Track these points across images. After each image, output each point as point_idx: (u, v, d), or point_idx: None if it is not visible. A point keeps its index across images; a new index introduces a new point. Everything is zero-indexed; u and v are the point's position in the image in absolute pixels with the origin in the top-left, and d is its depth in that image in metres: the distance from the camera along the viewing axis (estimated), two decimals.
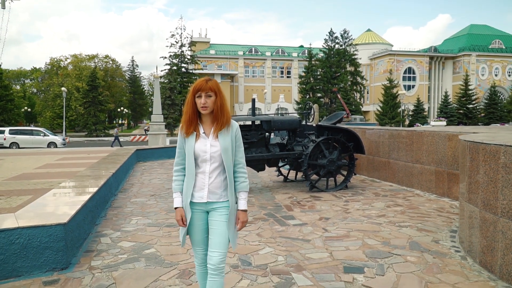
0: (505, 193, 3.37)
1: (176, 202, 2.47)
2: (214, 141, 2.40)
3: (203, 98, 2.34)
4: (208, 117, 2.42)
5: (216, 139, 2.40)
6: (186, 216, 2.43)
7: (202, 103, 2.34)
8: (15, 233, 3.63)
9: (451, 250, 4.21)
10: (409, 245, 4.38)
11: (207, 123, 2.44)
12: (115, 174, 7.64)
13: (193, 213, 2.43)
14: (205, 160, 2.40)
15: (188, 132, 2.39)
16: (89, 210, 4.94)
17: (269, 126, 7.46)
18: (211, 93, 2.35)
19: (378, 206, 6.27)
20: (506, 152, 3.37)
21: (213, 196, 2.43)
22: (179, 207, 2.45)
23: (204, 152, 2.39)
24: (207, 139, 2.40)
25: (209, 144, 2.39)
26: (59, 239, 3.77)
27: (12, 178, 10.47)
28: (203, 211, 2.46)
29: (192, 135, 2.40)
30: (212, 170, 2.41)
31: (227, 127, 2.41)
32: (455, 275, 3.56)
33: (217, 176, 2.42)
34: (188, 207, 2.42)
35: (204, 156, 2.39)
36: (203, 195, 2.42)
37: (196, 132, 2.40)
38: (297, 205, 6.43)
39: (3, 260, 3.58)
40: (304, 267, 3.79)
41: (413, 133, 7.69)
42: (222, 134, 2.40)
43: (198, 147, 2.39)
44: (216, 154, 2.39)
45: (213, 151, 2.39)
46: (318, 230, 5.02)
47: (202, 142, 2.39)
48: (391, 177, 8.44)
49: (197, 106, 2.38)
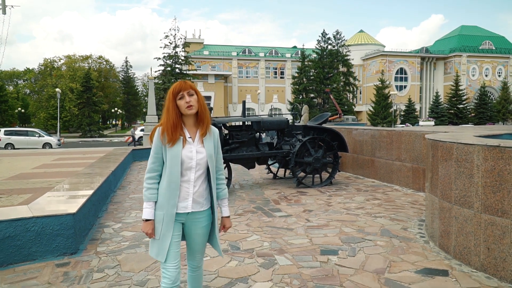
0: (457, 183, 3.92)
1: (148, 214, 2.29)
2: (200, 147, 2.30)
3: (187, 97, 2.25)
4: (191, 119, 2.32)
5: (201, 144, 2.31)
6: (163, 229, 2.27)
7: (187, 101, 2.24)
8: (31, 221, 4.11)
9: (416, 236, 4.76)
10: (381, 232, 4.93)
11: (190, 126, 2.33)
12: (114, 172, 8.11)
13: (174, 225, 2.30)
14: (190, 167, 2.28)
15: (175, 138, 2.24)
16: (92, 204, 5.42)
17: (259, 126, 7.97)
18: (193, 92, 2.28)
19: (358, 200, 6.82)
20: (458, 148, 3.91)
21: (197, 206, 2.33)
22: (151, 220, 2.29)
23: (190, 159, 2.27)
24: (193, 144, 2.30)
25: (195, 150, 2.29)
26: (69, 227, 4.26)
27: (11, 177, 10.88)
28: (180, 222, 2.34)
29: (178, 141, 2.26)
30: (197, 178, 2.31)
31: (209, 131, 2.34)
32: (416, 255, 4.11)
33: (201, 184, 2.33)
34: (171, 218, 2.27)
35: (189, 163, 2.27)
36: (187, 205, 2.30)
37: (182, 137, 2.28)
38: (284, 200, 6.96)
39: (20, 246, 4.05)
40: (286, 251, 4.31)
41: (393, 133, 8.26)
42: (206, 139, 2.32)
43: (185, 153, 2.26)
44: (202, 161, 2.30)
45: (199, 157, 2.29)
46: (301, 220, 5.54)
47: (188, 148, 2.28)
48: (373, 174, 9.00)
49: (179, 109, 2.28)
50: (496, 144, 3.48)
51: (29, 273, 3.81)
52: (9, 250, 3.99)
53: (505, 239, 3.41)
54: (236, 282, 3.53)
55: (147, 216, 2.29)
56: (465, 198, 3.81)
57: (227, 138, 7.95)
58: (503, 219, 3.42)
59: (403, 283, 3.45)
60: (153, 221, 2.28)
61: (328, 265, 3.89)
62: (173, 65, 47.55)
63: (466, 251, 3.82)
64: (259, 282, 3.53)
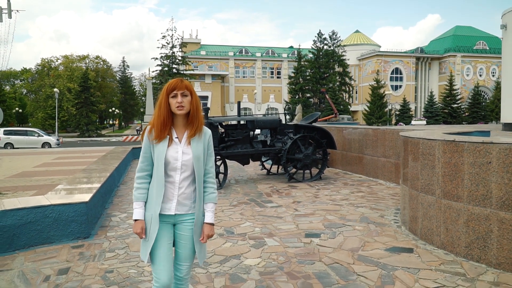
0: (423, 174, 4.50)
1: (138, 214, 2.26)
2: (186, 148, 2.25)
3: (179, 97, 2.20)
4: (181, 119, 2.28)
5: (188, 145, 2.25)
6: (150, 229, 2.24)
7: (178, 102, 2.20)
8: (49, 209, 4.66)
9: (391, 222, 5.34)
10: (360, 219, 5.51)
11: (179, 126, 2.29)
12: (117, 168, 8.65)
13: (160, 225, 2.25)
14: (175, 168, 2.24)
15: (161, 136, 2.22)
16: (100, 195, 5.97)
17: (253, 125, 8.53)
18: (187, 93, 2.23)
19: (344, 193, 7.41)
20: (423, 143, 4.49)
21: (182, 208, 2.28)
22: (140, 219, 2.26)
23: (175, 159, 2.23)
24: (179, 145, 2.25)
25: (181, 151, 2.24)
26: (82, 214, 4.81)
27: (14, 176, 11.39)
28: (169, 224, 2.30)
29: (164, 140, 2.23)
30: (182, 180, 2.26)
31: (199, 133, 2.28)
32: (388, 237, 4.69)
33: (187, 187, 2.27)
34: (156, 219, 2.23)
35: (174, 164, 2.23)
36: (171, 207, 2.26)
37: (169, 136, 2.24)
38: (276, 193, 7.53)
39: (40, 230, 4.60)
40: (274, 234, 4.88)
41: (378, 131, 8.85)
42: (194, 140, 2.26)
43: (170, 154, 2.23)
44: (188, 163, 2.25)
45: (185, 159, 2.24)
46: (290, 210, 6.12)
47: (174, 148, 2.24)
48: (361, 170, 9.58)
49: (170, 107, 2.24)
50: (452, 139, 4.06)
51: (48, 254, 4.36)
52: (31, 233, 4.54)
53: (460, 220, 3.99)
54: (230, 258, 4.10)
55: (136, 216, 2.26)
56: (428, 187, 4.39)
57: (223, 136, 8.51)
58: (457, 203, 4.01)
59: (373, 258, 4.02)
60: (143, 221, 2.25)
61: (311, 246, 4.46)
62: (170, 65, 48.03)
63: (429, 232, 4.41)
64: (250, 258, 4.09)
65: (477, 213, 3.82)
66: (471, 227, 3.88)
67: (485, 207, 3.76)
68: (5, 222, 4.37)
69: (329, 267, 3.82)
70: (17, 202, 4.74)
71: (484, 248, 3.79)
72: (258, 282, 3.52)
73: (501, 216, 3.65)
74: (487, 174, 3.73)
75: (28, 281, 3.62)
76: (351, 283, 3.46)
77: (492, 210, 3.70)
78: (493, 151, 3.68)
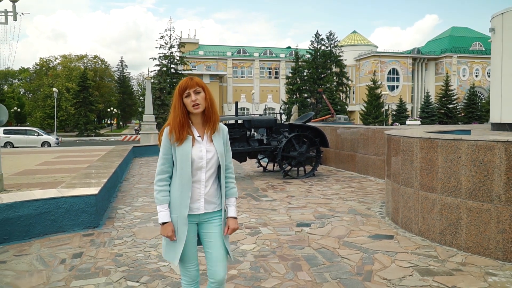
0: (403, 168, 4.94)
1: (165, 217, 2.23)
2: (209, 146, 2.25)
3: (193, 95, 2.20)
4: (198, 117, 2.27)
5: (211, 143, 2.26)
6: (178, 231, 2.23)
7: (193, 100, 2.19)
8: (61, 200, 5.08)
9: (376, 213, 5.79)
10: (348, 211, 5.95)
11: (198, 125, 2.28)
12: (120, 165, 9.06)
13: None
14: (200, 167, 2.23)
15: (182, 137, 2.19)
16: (107, 189, 6.39)
17: (249, 124, 8.97)
18: (200, 89, 2.22)
19: (335, 188, 7.86)
20: (403, 141, 4.94)
21: (210, 206, 2.29)
22: (169, 222, 2.23)
23: (200, 158, 2.22)
24: (202, 143, 2.25)
25: (205, 150, 2.24)
26: (92, 205, 5.23)
27: (16, 173, 11.79)
28: (194, 223, 2.30)
29: (187, 139, 2.21)
30: (208, 178, 2.26)
31: (218, 129, 2.30)
32: (372, 226, 5.14)
33: (212, 184, 2.29)
34: (184, 221, 2.22)
35: (200, 163, 2.22)
36: (200, 206, 2.26)
37: (191, 136, 2.23)
38: (271, 188, 7.97)
39: (53, 220, 5.02)
40: (269, 224, 5.32)
41: (369, 130, 9.30)
42: (215, 137, 2.27)
43: (195, 153, 2.21)
44: (213, 160, 2.25)
45: (209, 156, 2.24)
46: (284, 203, 6.56)
47: (198, 147, 2.23)
48: (353, 167, 10.03)
49: (186, 108, 2.23)
50: (427, 136, 4.51)
51: (62, 241, 4.78)
52: (45, 223, 4.96)
53: (434, 209, 4.44)
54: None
55: (164, 219, 2.23)
56: (408, 180, 4.84)
57: None
58: (432, 194, 4.45)
59: (356, 244, 4.47)
60: (171, 223, 2.23)
61: (301, 234, 4.90)
62: (168, 65, 48.41)
63: (409, 221, 4.85)
64: (246, 244, 4.53)
65: (449, 202, 4.27)
66: (444, 215, 4.33)
67: (455, 197, 4.21)
68: (22, 212, 4.79)
69: (316, 251, 4.25)
70: (33, 194, 5.16)
71: (455, 234, 4.24)
72: (253, 263, 3.95)
73: (469, 205, 4.10)
74: (458, 168, 4.18)
75: (46, 263, 4.04)
76: (335, 264, 3.90)
77: (462, 199, 4.15)
78: (462, 147, 4.13)
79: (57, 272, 3.80)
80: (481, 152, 3.98)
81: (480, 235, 4.02)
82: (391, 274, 3.61)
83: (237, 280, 3.56)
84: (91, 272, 3.78)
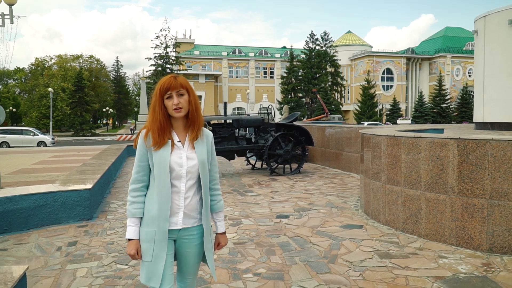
0: (373, 164, 5.38)
1: (132, 233, 1.98)
2: (191, 153, 2.01)
3: (175, 98, 1.95)
4: (180, 121, 2.03)
5: (192, 149, 2.01)
6: (155, 249, 1.96)
7: (175, 103, 1.94)
8: (58, 194, 5.48)
9: (351, 206, 6.23)
10: (326, 204, 6.39)
11: (178, 128, 2.04)
12: (113, 163, 9.45)
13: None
14: (179, 176, 1.98)
15: (162, 142, 1.95)
16: (100, 185, 6.78)
17: (238, 124, 9.39)
18: (183, 91, 1.98)
19: (317, 184, 8.29)
20: (373, 138, 5.37)
21: (188, 221, 2.03)
22: (135, 239, 1.98)
23: (179, 166, 1.97)
24: (182, 149, 2.00)
25: (185, 157, 2.00)
26: (86, 199, 5.63)
27: (13, 172, 12.12)
28: (172, 240, 2.04)
29: (166, 145, 1.97)
30: (188, 189, 2.01)
31: (201, 134, 2.06)
32: (345, 218, 5.57)
33: (193, 196, 2.03)
34: (164, 236, 1.97)
35: (179, 171, 1.97)
36: (177, 221, 2.00)
37: (170, 141, 1.99)
38: (257, 184, 8.39)
39: (50, 212, 5.42)
40: (250, 216, 5.74)
41: (352, 129, 9.74)
42: (198, 144, 2.03)
43: (174, 160, 1.97)
44: (194, 169, 2.00)
45: (190, 165, 1.99)
46: (267, 198, 6.98)
47: (177, 153, 1.98)
48: (337, 164, 10.48)
49: (167, 110, 1.98)
50: (392, 134, 4.95)
51: (58, 231, 5.18)
52: (42, 215, 5.35)
53: (398, 201, 4.88)
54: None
55: (131, 235, 1.98)
56: (377, 174, 5.28)
57: None
58: (397, 187, 4.89)
59: (328, 232, 4.90)
60: (137, 241, 1.98)
61: (280, 224, 5.32)
62: (164, 65, 48.73)
63: (377, 213, 5.29)
64: (228, 233, 4.94)
65: (411, 194, 4.71)
66: (407, 206, 4.77)
67: (416, 190, 4.65)
68: (21, 205, 5.18)
69: (291, 239, 4.68)
70: (31, 188, 5.56)
71: (415, 223, 4.68)
72: (231, 249, 4.37)
73: (427, 196, 4.54)
74: (418, 163, 4.61)
75: (44, 251, 4.44)
76: (306, 249, 4.32)
77: (421, 191, 4.59)
78: (422, 144, 4.57)
79: (54, 257, 4.20)
80: (437, 148, 4.42)
81: (437, 223, 4.46)
82: (354, 257, 4.04)
83: (215, 263, 3.97)
84: (84, 257, 4.18)
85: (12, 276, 2.55)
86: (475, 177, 4.15)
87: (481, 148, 4.12)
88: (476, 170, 4.14)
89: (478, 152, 4.13)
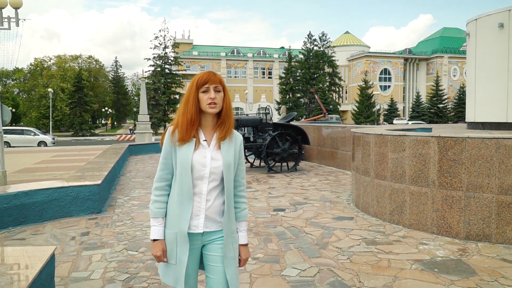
0: (363, 161, 5.80)
1: (156, 233, 1.91)
2: (216, 153, 1.90)
3: (212, 92, 1.86)
4: (211, 119, 1.93)
5: (218, 150, 1.90)
6: (177, 251, 1.89)
7: (211, 98, 1.86)
8: (69, 189, 5.88)
9: (344, 201, 6.65)
10: (320, 198, 6.81)
11: (208, 127, 1.94)
12: (117, 162, 9.85)
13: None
14: (201, 176, 1.88)
15: (187, 137, 1.87)
16: (107, 181, 7.18)
17: (237, 123, 9.79)
18: (220, 88, 1.90)
19: (313, 181, 8.71)
20: (363, 137, 5.79)
21: (211, 225, 1.93)
22: (160, 240, 1.91)
23: (202, 166, 1.88)
24: (207, 149, 1.90)
25: (210, 157, 1.89)
26: (96, 194, 6.03)
27: (17, 171, 12.51)
28: (197, 246, 1.94)
29: (190, 142, 1.88)
30: (210, 191, 1.91)
31: (230, 136, 1.93)
32: (337, 211, 5.99)
33: (215, 199, 1.92)
34: (184, 239, 1.88)
35: (201, 171, 1.88)
36: (198, 224, 1.90)
37: (195, 139, 1.89)
38: (256, 181, 8.80)
39: (62, 206, 5.81)
40: (249, 210, 6.14)
41: (346, 129, 10.17)
42: (225, 145, 1.91)
43: (196, 159, 1.87)
44: (217, 170, 1.89)
45: (214, 165, 1.89)
46: (265, 193, 7.40)
47: (201, 152, 1.89)
48: (333, 163, 10.90)
49: (200, 104, 1.89)
50: (380, 133, 5.36)
51: (70, 223, 5.58)
52: (55, 208, 5.75)
53: (385, 194, 5.30)
54: None
55: (155, 236, 1.91)
56: (367, 170, 5.69)
57: None
58: (384, 181, 5.31)
59: (321, 223, 5.31)
60: (163, 242, 1.91)
61: (276, 217, 5.73)
62: (163, 66, 49.11)
63: (367, 205, 5.71)
64: None
65: (396, 188, 5.13)
66: (393, 198, 5.19)
67: (401, 183, 5.06)
68: (36, 198, 5.58)
69: (286, 229, 5.09)
70: (44, 184, 5.96)
71: (401, 214, 5.10)
72: None
73: (411, 189, 4.95)
74: (403, 159, 5.03)
75: (59, 240, 4.84)
76: (300, 238, 4.74)
77: (406, 185, 5.01)
78: (406, 141, 4.99)
79: (69, 245, 4.60)
80: (420, 145, 4.84)
81: (420, 214, 4.88)
82: (343, 244, 4.46)
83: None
84: (97, 245, 4.59)
85: (43, 254, 2.94)
86: (453, 171, 4.57)
87: (459, 145, 4.54)
88: (454, 165, 4.56)
89: (456, 149, 4.55)
